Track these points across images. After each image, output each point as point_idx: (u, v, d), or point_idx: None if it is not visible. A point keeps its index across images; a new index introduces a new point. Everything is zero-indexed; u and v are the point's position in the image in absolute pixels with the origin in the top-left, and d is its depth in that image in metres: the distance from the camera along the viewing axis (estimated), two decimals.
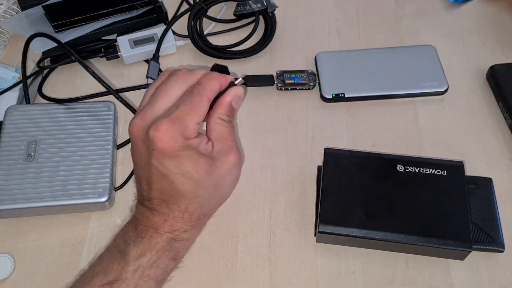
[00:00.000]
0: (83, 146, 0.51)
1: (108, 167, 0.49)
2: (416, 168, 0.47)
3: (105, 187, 0.48)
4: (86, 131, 0.52)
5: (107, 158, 0.50)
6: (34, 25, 0.61)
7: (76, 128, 0.52)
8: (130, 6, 0.62)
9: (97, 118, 0.53)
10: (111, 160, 0.50)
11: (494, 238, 0.44)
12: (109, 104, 0.54)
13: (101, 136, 0.51)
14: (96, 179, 0.48)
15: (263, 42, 0.62)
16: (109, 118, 0.53)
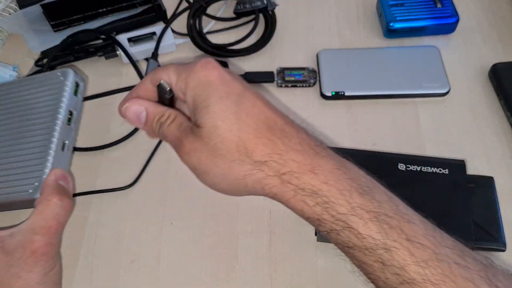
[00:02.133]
0: (24, 128, 0.41)
1: (49, 153, 0.39)
2: (418, 166, 0.46)
3: (41, 180, 0.38)
4: (32, 107, 0.41)
5: (50, 140, 0.39)
6: (32, 24, 0.61)
7: (21, 105, 0.42)
8: (129, 4, 0.62)
9: (51, 90, 0.42)
10: (56, 144, 0.39)
11: (496, 237, 0.44)
12: (66, 71, 0.42)
13: (47, 112, 0.40)
14: (32, 171, 0.39)
15: (263, 40, 0.62)
16: (62, 90, 0.41)
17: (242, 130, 0.32)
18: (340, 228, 0.30)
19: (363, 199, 0.31)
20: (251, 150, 0.32)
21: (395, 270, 0.29)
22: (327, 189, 0.31)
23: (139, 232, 0.48)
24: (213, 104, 0.33)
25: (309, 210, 0.31)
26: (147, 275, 0.45)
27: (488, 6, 0.66)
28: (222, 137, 0.32)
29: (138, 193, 0.50)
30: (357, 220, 0.30)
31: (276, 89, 0.58)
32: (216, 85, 0.33)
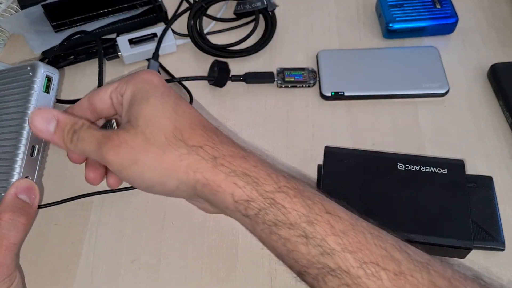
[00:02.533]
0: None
1: (16, 160, 0.35)
2: (417, 166, 0.47)
3: (8, 181, 0.35)
4: (5, 105, 0.38)
5: (16, 147, 0.35)
6: (33, 25, 0.61)
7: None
8: (129, 5, 0.62)
9: (19, 87, 0.38)
10: (23, 149, 0.36)
11: (495, 237, 0.44)
12: (35, 64, 0.38)
13: (15, 114, 0.37)
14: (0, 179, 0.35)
15: (263, 41, 0.62)
16: (29, 86, 0.37)
17: (179, 122, 0.34)
18: (267, 205, 0.32)
19: (288, 181, 0.33)
20: (187, 138, 0.33)
21: (317, 241, 0.30)
22: (256, 171, 0.33)
23: (139, 231, 0.48)
24: (153, 98, 0.34)
25: (239, 191, 0.32)
26: (147, 274, 0.45)
27: (487, 7, 0.66)
28: (160, 124, 0.33)
29: (139, 193, 0.50)
30: (283, 197, 0.32)
31: (276, 90, 0.58)
32: (157, 85, 0.35)
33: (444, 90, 0.56)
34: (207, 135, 0.34)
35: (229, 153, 0.33)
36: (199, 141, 0.33)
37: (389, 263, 0.30)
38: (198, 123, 0.34)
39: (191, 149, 0.33)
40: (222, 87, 0.58)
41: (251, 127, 0.55)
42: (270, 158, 0.52)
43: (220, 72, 0.57)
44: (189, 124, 0.34)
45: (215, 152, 0.33)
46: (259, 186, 0.32)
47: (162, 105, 0.34)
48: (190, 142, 0.33)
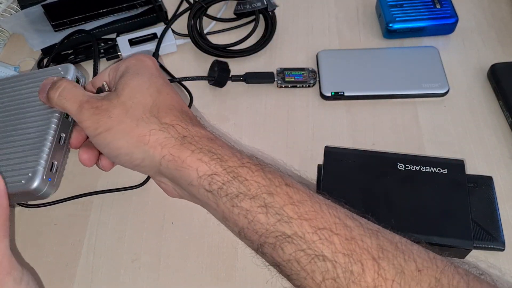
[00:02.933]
0: (21, 121, 0.41)
1: (46, 144, 0.38)
2: (417, 166, 0.47)
3: (35, 170, 0.38)
4: (31, 101, 0.41)
5: (47, 132, 0.39)
6: (33, 24, 0.61)
7: (20, 99, 0.42)
8: (129, 5, 0.62)
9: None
10: (53, 135, 0.39)
11: (495, 237, 0.44)
12: (67, 66, 0.42)
13: (46, 107, 0.40)
14: (28, 161, 0.38)
15: (263, 41, 0.62)
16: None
17: (159, 101, 0.36)
18: (231, 178, 0.33)
19: (251, 159, 0.35)
20: (162, 116, 0.36)
21: (276, 210, 0.32)
22: (221, 150, 0.35)
23: (139, 231, 0.48)
24: (143, 75, 0.37)
25: (204, 166, 0.34)
26: (147, 274, 0.45)
27: (487, 7, 0.66)
28: (142, 98, 0.36)
29: (139, 192, 0.50)
30: (246, 171, 0.34)
31: (276, 90, 0.58)
32: (150, 66, 0.39)
33: (444, 90, 0.56)
34: (182, 117, 0.36)
35: (198, 135, 0.35)
36: (172, 120, 0.35)
37: (342, 229, 0.32)
38: (177, 106, 0.37)
39: (163, 126, 0.35)
40: (222, 87, 0.58)
41: (251, 127, 0.55)
42: (270, 158, 0.52)
43: (220, 72, 0.57)
44: (168, 105, 0.36)
45: (185, 132, 0.35)
46: (223, 162, 0.34)
47: (149, 82, 0.37)
48: (163, 119, 0.35)
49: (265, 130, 0.55)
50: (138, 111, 0.35)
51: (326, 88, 0.56)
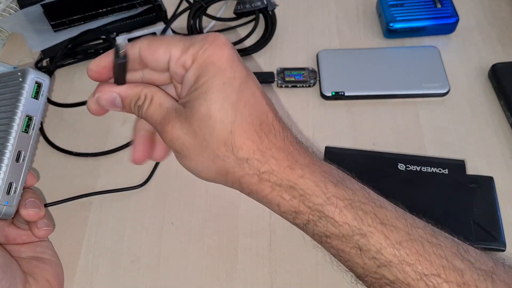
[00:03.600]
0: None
1: (0, 166, 0.36)
2: (417, 166, 0.46)
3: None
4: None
5: (1, 152, 0.36)
6: (32, 24, 0.61)
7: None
8: (129, 5, 0.62)
9: (8, 93, 0.38)
10: (9, 156, 0.36)
11: (496, 237, 0.44)
12: (25, 70, 0.38)
13: (3, 119, 0.37)
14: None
15: (263, 40, 0.62)
16: (18, 92, 0.37)
17: (235, 123, 0.32)
18: (317, 218, 0.31)
19: (337, 188, 0.31)
20: (238, 147, 0.32)
21: (372, 254, 0.29)
22: (303, 182, 0.32)
23: (139, 232, 0.48)
24: (213, 90, 0.31)
25: (285, 204, 0.32)
26: (147, 275, 0.45)
27: (488, 7, 0.66)
28: (213, 128, 0.32)
29: (138, 193, 0.50)
30: (333, 209, 0.31)
31: (277, 90, 0.58)
32: (223, 68, 0.32)
33: (445, 90, 0.56)
34: (259, 140, 0.32)
35: (275, 164, 0.32)
36: (248, 150, 0.32)
37: (451, 274, 0.28)
38: (256, 120, 0.32)
39: (239, 162, 0.32)
40: None
41: None
42: None
43: None
44: (246, 123, 0.32)
45: (261, 166, 0.32)
46: (306, 199, 0.31)
47: (222, 101, 0.31)
48: (240, 152, 0.32)
49: None
50: (212, 145, 0.32)
51: (326, 88, 0.56)
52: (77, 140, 0.54)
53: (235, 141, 0.32)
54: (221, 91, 0.32)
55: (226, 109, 0.32)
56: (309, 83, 0.57)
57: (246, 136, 0.32)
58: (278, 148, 0.32)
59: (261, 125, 0.32)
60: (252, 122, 0.32)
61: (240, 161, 0.32)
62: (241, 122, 0.32)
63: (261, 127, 0.32)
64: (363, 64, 0.58)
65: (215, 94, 0.31)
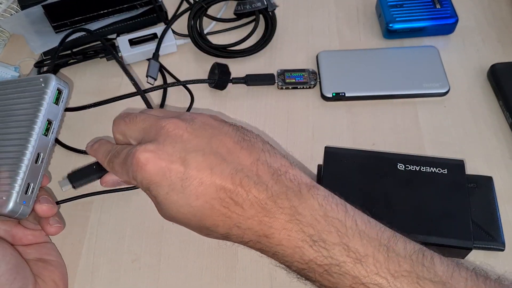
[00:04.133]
0: (5, 134, 0.38)
1: (21, 166, 0.37)
2: (417, 166, 0.47)
3: (9, 194, 0.36)
4: (11, 114, 0.39)
5: (23, 153, 0.37)
6: (33, 25, 0.61)
7: (7, 112, 0.40)
8: (130, 6, 0.62)
9: (30, 97, 0.39)
10: (29, 157, 0.37)
11: (495, 237, 0.44)
12: (48, 77, 0.39)
13: (25, 122, 0.38)
14: (2, 184, 0.37)
15: (263, 41, 0.62)
16: (41, 97, 0.38)
17: (197, 216, 0.34)
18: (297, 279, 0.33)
19: (314, 252, 0.32)
20: (213, 227, 0.34)
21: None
22: (282, 250, 0.33)
23: (140, 231, 0.48)
24: (163, 202, 0.34)
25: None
26: (148, 274, 0.46)
27: (487, 7, 0.66)
28: (185, 222, 0.35)
29: (139, 193, 0.50)
30: (311, 275, 0.32)
31: (277, 91, 0.58)
32: (156, 182, 0.33)
33: (445, 89, 0.56)
34: (229, 220, 0.33)
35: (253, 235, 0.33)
36: (225, 229, 0.34)
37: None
38: (215, 203, 0.33)
39: (223, 236, 0.35)
40: (223, 89, 0.58)
41: (252, 127, 0.55)
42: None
43: (220, 75, 0.57)
44: (207, 210, 0.33)
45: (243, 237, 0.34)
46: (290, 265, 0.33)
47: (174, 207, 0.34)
48: (219, 230, 0.34)
49: (265, 130, 0.55)
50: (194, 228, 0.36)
51: (327, 89, 0.56)
52: (78, 140, 0.54)
53: (207, 226, 0.34)
54: (168, 200, 0.34)
55: (182, 209, 0.34)
56: (310, 84, 0.58)
57: (213, 219, 0.33)
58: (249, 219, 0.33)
59: (223, 203, 0.33)
60: (212, 208, 0.33)
61: (224, 236, 0.35)
62: (201, 213, 0.33)
63: (224, 205, 0.33)
64: (363, 65, 0.59)
65: (166, 205, 0.34)
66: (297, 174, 0.35)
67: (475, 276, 0.31)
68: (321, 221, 0.32)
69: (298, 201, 0.33)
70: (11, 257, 0.38)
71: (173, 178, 0.33)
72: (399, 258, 0.31)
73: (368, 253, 0.31)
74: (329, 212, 0.33)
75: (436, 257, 0.32)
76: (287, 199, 0.32)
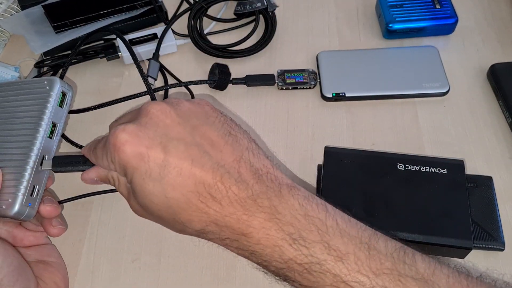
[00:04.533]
0: (8, 137, 0.39)
1: (26, 169, 0.37)
2: (417, 166, 0.47)
3: (15, 196, 0.37)
4: (15, 116, 0.39)
5: (28, 156, 0.37)
6: (34, 25, 0.61)
7: (11, 114, 0.40)
8: (130, 6, 0.62)
9: (35, 100, 0.39)
10: (34, 159, 0.38)
11: (495, 237, 0.44)
12: (52, 80, 0.40)
13: (29, 124, 0.38)
14: (8, 186, 0.37)
15: (263, 41, 0.62)
16: (46, 100, 0.39)
17: (171, 209, 0.33)
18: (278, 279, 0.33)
19: (294, 251, 0.31)
20: (188, 222, 0.33)
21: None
22: (261, 250, 0.32)
23: (140, 231, 0.48)
24: (138, 189, 0.33)
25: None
26: (148, 274, 0.46)
27: (487, 7, 0.66)
28: (158, 215, 0.34)
29: None
30: (291, 274, 0.32)
31: (277, 92, 0.58)
32: (133, 166, 0.33)
33: (445, 89, 0.56)
34: (206, 215, 0.32)
35: (231, 233, 0.33)
36: (201, 225, 0.33)
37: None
38: (192, 196, 0.32)
39: (199, 232, 0.34)
40: (223, 90, 0.58)
41: (252, 127, 0.55)
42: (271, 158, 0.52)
43: (221, 75, 0.57)
44: (183, 203, 0.32)
45: (220, 234, 0.33)
46: (268, 264, 0.33)
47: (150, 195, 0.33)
48: (194, 225, 0.33)
49: (265, 130, 0.55)
50: (167, 222, 0.35)
51: (327, 89, 0.57)
52: (78, 140, 0.54)
53: (182, 220, 0.33)
54: (143, 186, 0.33)
55: (157, 198, 0.33)
56: (310, 84, 0.58)
57: (189, 213, 0.33)
58: (227, 216, 0.32)
59: (200, 197, 0.32)
60: (188, 201, 0.32)
61: (199, 232, 0.34)
62: (177, 204, 0.32)
63: (201, 200, 0.32)
64: (363, 65, 0.59)
65: (140, 191, 0.33)
66: (279, 175, 0.34)
67: (456, 273, 0.31)
68: (301, 220, 0.32)
69: (279, 201, 0.32)
70: (13, 259, 0.38)
71: (151, 163, 0.32)
72: (380, 255, 0.31)
73: (349, 251, 0.31)
74: (310, 212, 0.32)
75: (418, 254, 0.32)
76: (268, 198, 0.32)
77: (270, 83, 0.58)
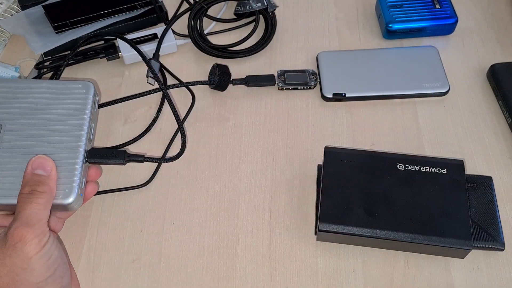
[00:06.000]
0: (52, 134, 0.42)
1: (77, 162, 0.41)
2: (416, 166, 0.47)
3: (71, 187, 0.40)
4: (58, 116, 0.43)
5: (77, 151, 0.41)
6: (34, 25, 0.61)
7: (46, 112, 0.43)
8: (130, 6, 0.62)
9: (72, 101, 0.43)
10: (83, 154, 0.42)
11: (494, 237, 0.44)
12: (87, 84, 0.44)
13: (73, 124, 0.42)
14: (62, 177, 0.40)
15: (263, 41, 0.62)
16: (85, 103, 0.43)
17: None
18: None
19: None
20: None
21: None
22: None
23: (140, 231, 0.48)
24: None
25: None
26: (148, 274, 0.46)
27: (487, 7, 0.66)
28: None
29: (139, 192, 0.51)
30: None
31: (277, 92, 0.58)
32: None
33: (445, 89, 0.56)
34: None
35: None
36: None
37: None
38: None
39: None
40: (224, 90, 0.58)
41: (252, 127, 0.55)
42: (271, 158, 0.53)
43: (221, 76, 0.57)
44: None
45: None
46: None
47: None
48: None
49: (265, 130, 0.55)
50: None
51: (327, 89, 0.57)
52: None
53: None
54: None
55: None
56: (310, 85, 0.58)
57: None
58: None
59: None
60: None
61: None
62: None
63: None
64: (363, 65, 0.59)
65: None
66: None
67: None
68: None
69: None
70: (64, 251, 0.40)
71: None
72: None
73: None
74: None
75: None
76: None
77: (270, 83, 0.58)
